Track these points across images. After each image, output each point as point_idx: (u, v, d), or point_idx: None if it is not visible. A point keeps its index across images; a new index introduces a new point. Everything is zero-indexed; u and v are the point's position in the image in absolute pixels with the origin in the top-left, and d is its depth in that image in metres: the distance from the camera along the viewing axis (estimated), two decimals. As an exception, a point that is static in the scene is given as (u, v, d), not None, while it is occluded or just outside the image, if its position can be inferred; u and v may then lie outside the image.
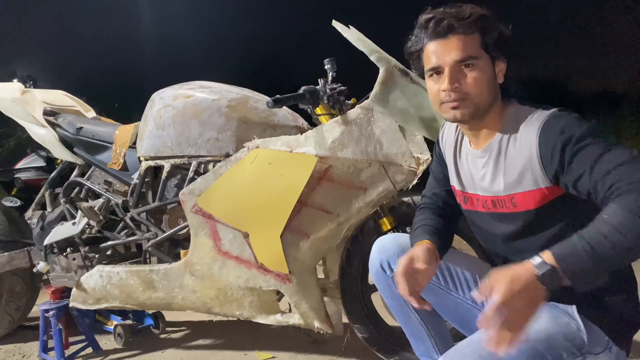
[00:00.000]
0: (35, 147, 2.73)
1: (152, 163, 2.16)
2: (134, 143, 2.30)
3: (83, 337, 2.48)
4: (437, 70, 1.21)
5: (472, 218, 1.37)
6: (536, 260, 1.00)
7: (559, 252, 1.00)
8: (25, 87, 2.71)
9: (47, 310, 2.36)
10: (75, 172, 2.53)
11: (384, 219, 1.90)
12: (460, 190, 1.38)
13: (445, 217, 1.45)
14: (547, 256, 1.00)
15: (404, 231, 1.86)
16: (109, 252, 2.39)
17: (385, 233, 1.84)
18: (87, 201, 2.43)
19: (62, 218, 2.49)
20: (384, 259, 1.46)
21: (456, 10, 1.19)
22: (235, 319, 2.14)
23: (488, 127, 1.25)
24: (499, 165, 1.23)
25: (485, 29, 1.18)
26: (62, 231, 2.39)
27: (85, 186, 2.45)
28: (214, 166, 2.00)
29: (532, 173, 1.15)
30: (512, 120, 1.21)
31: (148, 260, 2.24)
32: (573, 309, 1.17)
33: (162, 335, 2.63)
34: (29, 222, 2.63)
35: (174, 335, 2.64)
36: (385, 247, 1.48)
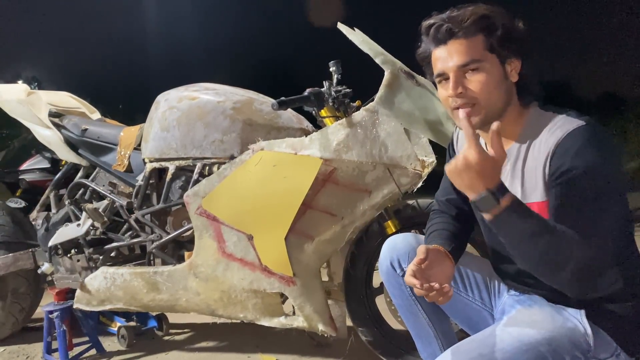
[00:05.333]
0: (40, 148, 2.74)
1: (156, 165, 2.16)
2: (139, 145, 2.30)
3: (87, 338, 2.49)
4: (444, 77, 1.20)
5: (487, 224, 1.35)
6: (491, 197, 1.05)
7: (518, 205, 1.05)
8: (31, 88, 2.72)
9: (51, 312, 2.36)
10: (79, 174, 2.53)
11: (389, 221, 1.89)
12: None
13: (459, 222, 1.44)
14: (506, 199, 1.05)
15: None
16: (113, 254, 2.40)
17: (390, 236, 1.83)
18: (92, 202, 2.43)
19: (67, 219, 2.49)
20: (395, 258, 1.44)
21: (456, 14, 1.17)
22: (239, 321, 2.14)
23: (506, 131, 1.21)
24: (516, 173, 1.20)
25: (488, 29, 1.15)
26: (67, 232, 2.39)
27: (90, 188, 2.46)
28: (218, 168, 2.00)
29: (544, 182, 1.14)
30: (533, 126, 1.18)
31: (152, 262, 2.24)
32: (582, 314, 1.16)
33: (166, 337, 2.63)
34: (33, 223, 2.64)
35: (177, 338, 2.64)
36: (396, 245, 1.46)
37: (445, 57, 1.17)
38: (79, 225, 2.37)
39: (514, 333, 1.13)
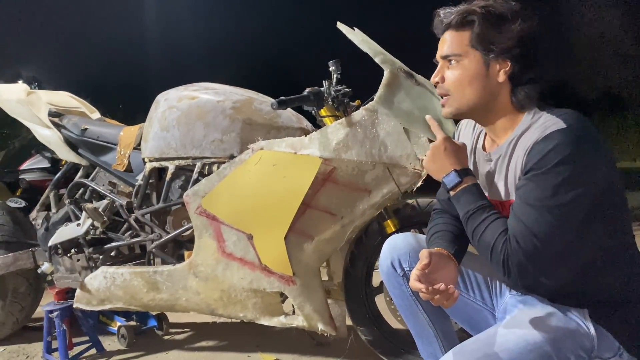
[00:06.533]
0: (40, 148, 2.74)
1: (156, 164, 2.16)
2: (139, 144, 2.30)
3: (87, 338, 2.49)
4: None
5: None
6: (455, 176, 1.24)
7: (467, 190, 1.23)
8: (31, 88, 2.71)
9: (51, 311, 2.36)
10: (79, 173, 2.53)
11: (388, 221, 1.90)
12: None
13: (461, 222, 1.44)
14: (468, 180, 1.24)
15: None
16: (113, 253, 2.40)
17: (390, 235, 1.83)
18: (92, 202, 2.43)
19: (67, 219, 2.49)
20: (395, 257, 1.45)
21: (456, 8, 1.22)
22: (239, 320, 2.14)
23: (503, 127, 1.24)
24: (502, 170, 1.22)
25: (476, 26, 1.18)
26: (67, 232, 2.39)
27: (90, 187, 2.46)
28: (218, 168, 2.00)
29: None
30: (525, 125, 1.18)
31: (152, 261, 2.24)
32: (585, 313, 1.16)
33: (166, 337, 2.63)
34: (33, 223, 2.63)
35: (177, 337, 2.64)
36: (397, 245, 1.47)
37: (440, 46, 1.25)
38: (78, 224, 2.36)
39: (518, 333, 1.14)
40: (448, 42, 1.22)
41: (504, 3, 1.19)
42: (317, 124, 2.01)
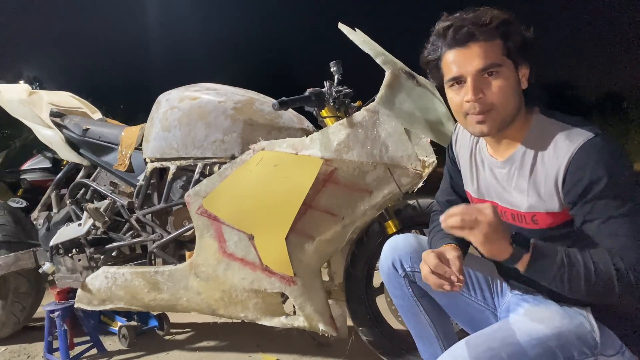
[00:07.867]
0: (41, 148, 2.75)
1: (157, 164, 2.17)
2: (140, 145, 2.31)
3: (88, 338, 2.49)
4: (458, 80, 1.16)
5: None
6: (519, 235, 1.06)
7: (541, 245, 1.06)
8: (32, 88, 2.72)
9: (52, 311, 2.36)
10: (81, 174, 2.54)
11: (390, 221, 1.90)
12: (477, 198, 1.35)
13: None
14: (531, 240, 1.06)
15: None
16: (114, 253, 2.40)
17: (391, 236, 1.83)
18: (93, 202, 2.44)
19: (68, 219, 2.50)
20: (396, 258, 1.45)
21: (475, 16, 1.13)
22: (239, 321, 2.14)
23: (510, 135, 1.20)
24: (523, 181, 1.18)
25: (507, 35, 1.13)
26: (68, 232, 2.39)
27: (91, 187, 2.46)
28: (219, 168, 2.00)
29: (558, 196, 1.13)
30: (537, 132, 1.17)
31: (153, 261, 2.25)
32: (587, 311, 1.17)
33: (167, 337, 2.63)
34: (34, 223, 2.64)
35: (178, 337, 2.64)
36: (397, 246, 1.46)
37: (463, 60, 1.13)
38: (80, 224, 2.37)
39: (523, 328, 1.14)
40: (481, 54, 1.11)
41: (504, 10, 1.17)
42: (318, 125, 2.01)
